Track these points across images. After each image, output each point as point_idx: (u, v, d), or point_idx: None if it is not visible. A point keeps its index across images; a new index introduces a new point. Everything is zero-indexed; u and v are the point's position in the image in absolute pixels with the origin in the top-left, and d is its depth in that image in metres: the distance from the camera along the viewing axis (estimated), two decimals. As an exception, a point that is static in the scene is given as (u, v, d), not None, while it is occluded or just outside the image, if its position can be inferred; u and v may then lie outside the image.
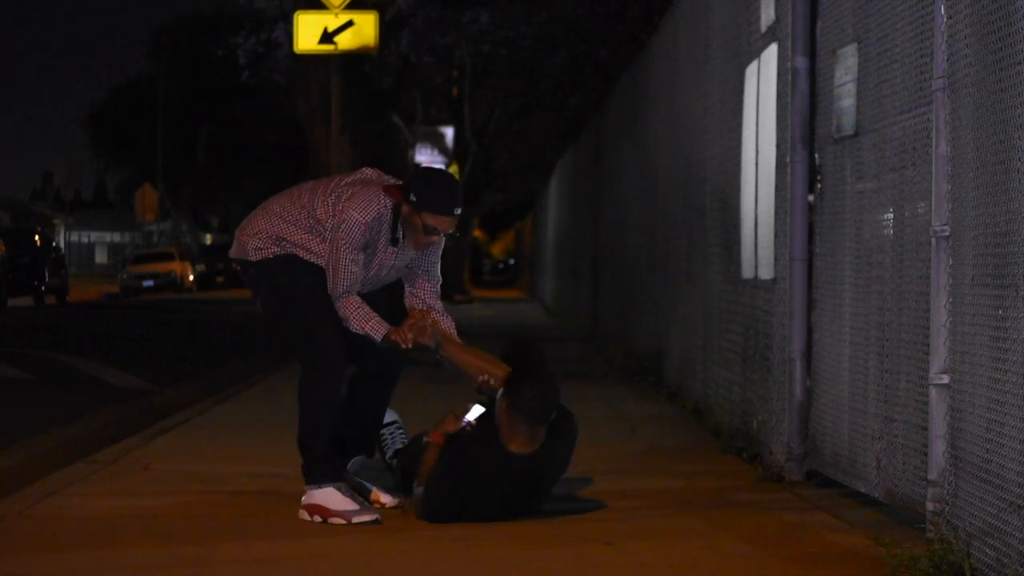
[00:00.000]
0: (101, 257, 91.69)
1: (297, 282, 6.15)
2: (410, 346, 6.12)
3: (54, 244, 40.32)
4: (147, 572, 5.11)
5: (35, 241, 36.69)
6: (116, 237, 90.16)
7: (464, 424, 6.08)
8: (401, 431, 6.68)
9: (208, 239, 73.40)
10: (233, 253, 6.34)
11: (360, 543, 5.59)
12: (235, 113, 63.19)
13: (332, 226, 6.07)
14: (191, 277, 51.48)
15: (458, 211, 6.11)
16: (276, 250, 6.17)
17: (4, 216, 57.26)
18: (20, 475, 7.15)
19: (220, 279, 54.44)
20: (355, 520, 5.94)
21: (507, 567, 5.22)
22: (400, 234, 6.10)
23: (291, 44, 16.85)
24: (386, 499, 6.30)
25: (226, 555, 5.36)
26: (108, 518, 6.00)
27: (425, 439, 6.19)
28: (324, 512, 5.98)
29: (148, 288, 48.18)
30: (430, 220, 6.03)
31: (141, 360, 15.73)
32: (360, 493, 6.29)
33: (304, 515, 6.03)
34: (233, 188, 67.69)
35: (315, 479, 6.05)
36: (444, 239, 6.21)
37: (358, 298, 6.10)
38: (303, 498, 6.08)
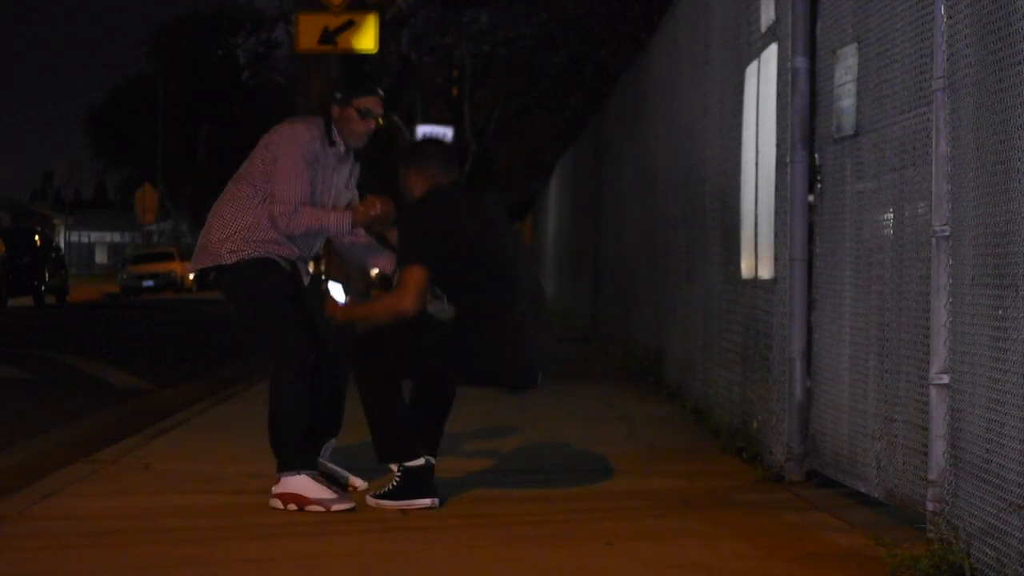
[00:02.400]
0: (101, 257, 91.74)
1: (275, 285, 6.35)
2: (378, 212, 6.41)
3: (54, 244, 40.33)
4: (147, 572, 5.11)
5: (35, 241, 36.70)
6: (116, 237, 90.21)
7: (344, 303, 6.44)
8: None
9: (208, 239, 73.30)
10: (202, 263, 6.44)
11: (360, 543, 5.60)
12: (235, 113, 63.23)
13: (276, 152, 6.30)
14: (191, 277, 51.48)
15: (381, 92, 6.56)
16: (249, 251, 6.33)
17: (4, 216, 57.26)
18: (20, 475, 7.16)
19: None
20: (334, 508, 6.12)
21: (507, 567, 5.22)
22: (335, 136, 6.44)
23: (291, 44, 16.84)
24: (358, 483, 6.54)
25: (226, 555, 5.36)
26: (108, 518, 6.00)
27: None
28: (301, 500, 6.14)
29: (148, 288, 48.20)
30: (362, 104, 6.42)
31: (141, 360, 15.74)
32: (335, 481, 6.49)
33: (277, 503, 6.18)
34: (233, 188, 67.48)
35: (290, 466, 6.20)
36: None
37: (311, 206, 6.34)
38: (275, 487, 6.23)
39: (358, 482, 6.57)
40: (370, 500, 6.25)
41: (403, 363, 6.28)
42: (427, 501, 6.19)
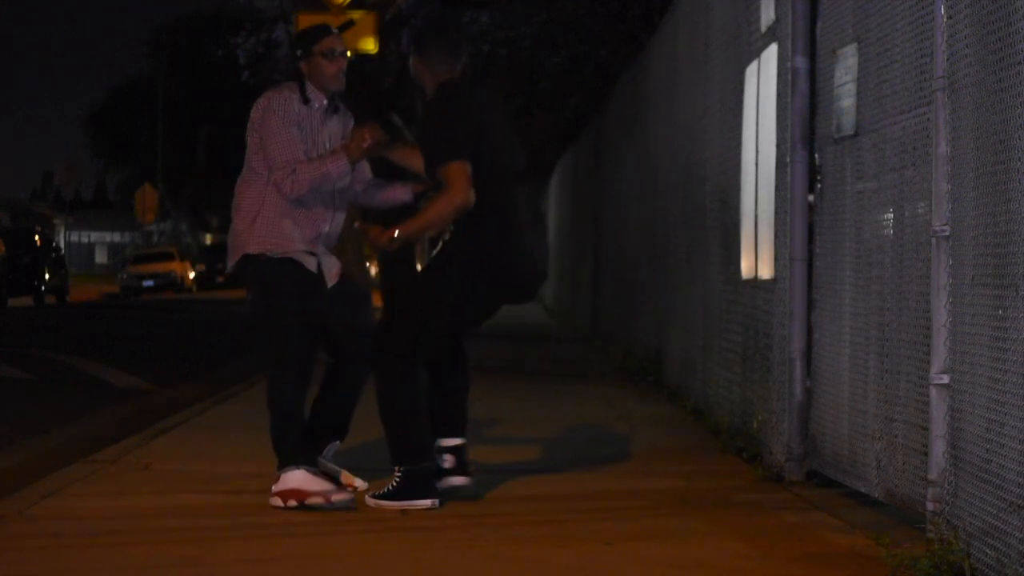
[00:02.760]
0: (101, 257, 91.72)
1: (292, 285, 6.31)
2: (369, 142, 6.38)
3: (54, 244, 40.34)
4: (147, 572, 5.10)
5: (35, 241, 36.72)
6: (116, 237, 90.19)
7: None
8: None
9: (208, 239, 73.38)
10: (233, 258, 6.47)
11: (360, 543, 5.60)
12: (235, 113, 63.15)
13: (259, 127, 6.33)
14: (191, 277, 51.48)
15: (336, 29, 6.63)
16: (273, 243, 6.31)
17: (4, 216, 57.27)
18: (20, 475, 7.16)
19: (220, 279, 54.41)
20: (334, 499, 6.14)
21: (507, 567, 5.22)
22: (311, 93, 6.42)
23: (291, 44, 16.78)
24: (359, 483, 6.49)
25: (226, 555, 5.36)
26: (108, 518, 6.00)
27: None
28: (300, 495, 6.16)
29: (148, 288, 48.22)
30: (323, 48, 6.45)
31: (141, 360, 15.74)
32: (335, 481, 6.46)
33: (277, 501, 6.20)
34: (233, 188, 67.55)
35: (288, 462, 6.23)
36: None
37: (306, 162, 6.33)
38: (275, 485, 6.25)
39: (358, 482, 6.56)
40: (369, 500, 6.25)
41: (420, 341, 6.27)
42: (427, 502, 6.18)
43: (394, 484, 6.21)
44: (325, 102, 6.46)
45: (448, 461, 6.43)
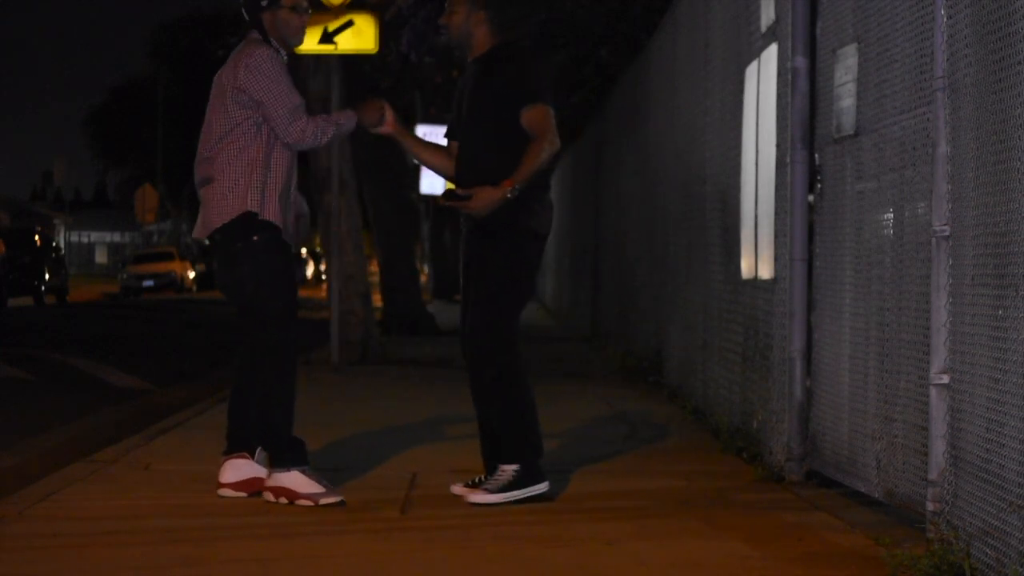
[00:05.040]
0: (101, 257, 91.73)
1: (282, 270, 6.31)
2: (385, 113, 6.38)
3: (54, 244, 40.36)
4: (147, 572, 5.11)
5: (35, 241, 36.75)
6: (116, 237, 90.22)
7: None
8: None
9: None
10: (210, 227, 6.29)
11: (360, 543, 5.59)
12: (235, 113, 63.18)
13: (254, 91, 6.19)
14: (191, 277, 51.50)
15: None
16: (263, 204, 6.19)
17: (4, 216, 57.29)
18: (20, 475, 7.16)
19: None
20: (322, 502, 6.16)
21: (507, 567, 5.22)
22: (280, 51, 6.32)
23: None
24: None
25: (226, 555, 5.36)
26: (108, 518, 6.00)
27: None
28: (291, 494, 6.19)
29: (148, 288, 48.24)
30: (292, 0, 6.31)
31: (141, 360, 15.74)
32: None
33: (269, 497, 6.23)
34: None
35: (282, 463, 6.24)
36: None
37: (317, 118, 6.30)
38: (268, 481, 6.28)
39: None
40: (479, 497, 6.28)
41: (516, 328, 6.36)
42: (545, 485, 6.36)
43: (509, 476, 6.28)
44: (286, 57, 6.40)
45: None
